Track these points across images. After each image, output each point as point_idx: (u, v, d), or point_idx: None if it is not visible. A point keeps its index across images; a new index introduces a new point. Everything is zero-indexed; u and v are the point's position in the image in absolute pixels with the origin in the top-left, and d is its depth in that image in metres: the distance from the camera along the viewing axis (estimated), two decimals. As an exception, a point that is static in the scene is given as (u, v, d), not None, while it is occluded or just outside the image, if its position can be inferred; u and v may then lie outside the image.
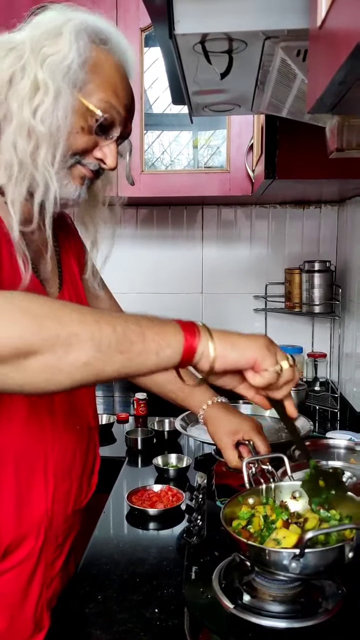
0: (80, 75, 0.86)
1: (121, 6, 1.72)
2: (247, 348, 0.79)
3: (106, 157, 0.92)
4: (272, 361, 0.80)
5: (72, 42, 0.85)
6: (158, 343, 0.74)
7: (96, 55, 0.88)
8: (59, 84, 0.84)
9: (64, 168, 0.89)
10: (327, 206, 2.16)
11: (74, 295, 1.05)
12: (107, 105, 0.88)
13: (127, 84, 0.93)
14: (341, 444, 1.47)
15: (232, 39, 0.85)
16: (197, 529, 1.13)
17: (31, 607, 0.93)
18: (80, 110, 0.87)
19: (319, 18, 0.64)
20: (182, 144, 2.18)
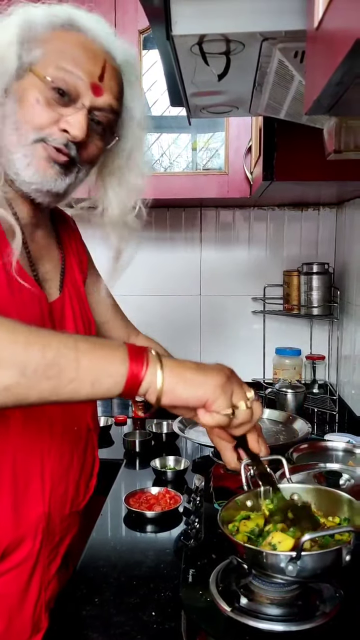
0: (31, 52, 0.83)
1: (119, 8, 1.72)
2: (200, 386, 0.73)
3: (70, 127, 0.84)
4: (225, 403, 0.75)
5: (14, 25, 0.83)
6: (95, 372, 0.69)
7: (52, 33, 0.85)
8: (6, 87, 0.83)
9: (23, 146, 0.85)
10: (325, 208, 2.16)
11: (75, 297, 1.04)
12: (61, 71, 0.83)
13: (98, 53, 0.87)
14: (339, 446, 1.47)
15: (230, 40, 0.85)
16: (195, 531, 1.12)
17: (29, 609, 0.93)
18: (34, 83, 0.83)
19: (316, 19, 0.64)
20: (181, 147, 2.18)
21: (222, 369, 0.77)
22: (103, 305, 1.18)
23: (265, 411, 1.77)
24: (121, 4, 1.71)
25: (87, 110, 0.86)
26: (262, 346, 2.17)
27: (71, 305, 1.02)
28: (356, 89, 0.62)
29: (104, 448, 1.77)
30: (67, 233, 1.09)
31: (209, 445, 1.45)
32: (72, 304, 1.02)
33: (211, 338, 2.24)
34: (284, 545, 0.83)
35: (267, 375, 2.17)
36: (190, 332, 2.24)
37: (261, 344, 2.17)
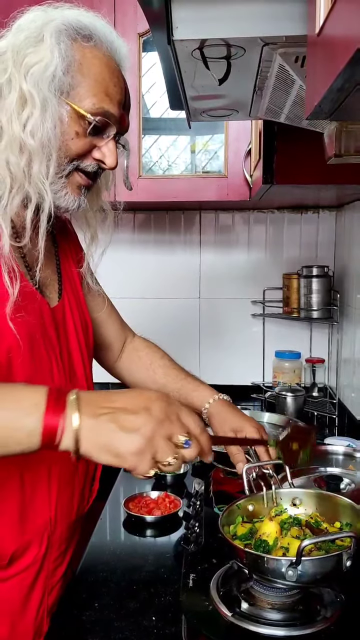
0: (66, 81, 0.84)
1: (119, 11, 1.72)
2: (116, 456, 0.69)
3: (105, 157, 0.90)
4: (146, 467, 0.70)
5: (53, 47, 0.83)
6: None
7: (81, 54, 0.85)
8: (45, 94, 0.82)
9: (61, 178, 0.88)
10: (325, 211, 2.16)
11: (74, 301, 1.04)
12: (98, 107, 0.86)
13: (119, 76, 0.90)
14: (340, 450, 1.47)
15: (231, 45, 0.85)
16: (195, 536, 1.12)
17: (32, 614, 0.93)
18: (72, 116, 0.85)
19: (317, 25, 0.64)
20: (179, 149, 2.18)
21: (146, 423, 0.70)
22: (98, 307, 1.18)
23: (264, 415, 1.77)
24: (120, 7, 1.72)
25: (114, 137, 0.90)
26: (262, 349, 2.17)
27: (70, 310, 1.02)
28: (357, 95, 0.62)
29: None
30: (65, 235, 1.09)
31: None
32: (71, 309, 1.03)
33: (210, 341, 2.24)
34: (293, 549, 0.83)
35: (267, 378, 2.17)
36: (190, 335, 2.24)
37: (261, 347, 2.17)
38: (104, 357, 1.28)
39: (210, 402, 1.20)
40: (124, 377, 1.31)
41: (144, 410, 0.70)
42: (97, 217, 1.04)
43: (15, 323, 0.83)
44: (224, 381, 2.17)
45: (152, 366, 1.27)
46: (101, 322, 1.22)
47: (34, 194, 0.85)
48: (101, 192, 1.02)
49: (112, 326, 1.25)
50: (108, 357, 1.28)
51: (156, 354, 1.28)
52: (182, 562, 1.07)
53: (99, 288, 1.15)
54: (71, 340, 1.01)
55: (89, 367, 1.06)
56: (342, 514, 0.96)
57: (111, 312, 1.25)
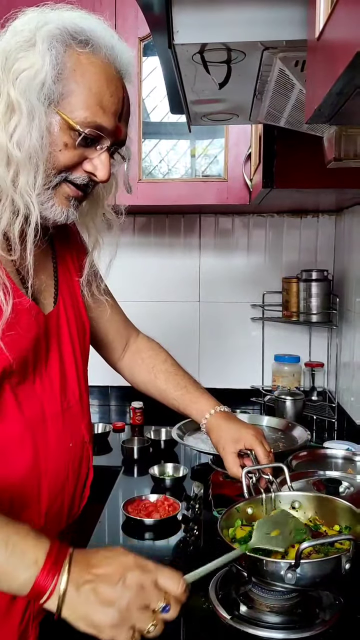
0: (57, 89, 0.80)
1: (120, 15, 1.73)
2: (96, 626, 0.70)
3: (96, 170, 0.85)
4: (125, 636, 0.70)
5: (44, 54, 0.78)
6: None
7: (76, 61, 0.81)
8: (32, 103, 0.78)
9: (48, 189, 0.84)
10: (324, 215, 2.16)
11: (70, 304, 1.03)
12: (90, 120, 0.81)
13: (117, 85, 0.85)
14: (339, 454, 1.47)
15: (231, 49, 0.86)
16: (194, 539, 1.12)
17: (16, 619, 0.91)
18: (62, 126, 0.81)
19: (317, 30, 0.64)
20: (179, 153, 2.19)
21: (122, 595, 0.70)
22: (102, 305, 1.16)
23: (264, 418, 1.77)
24: (121, 11, 1.72)
25: (107, 149, 0.86)
26: (261, 353, 2.17)
27: (66, 314, 1.00)
28: (357, 99, 0.63)
29: (102, 455, 1.77)
30: (65, 239, 1.07)
31: (208, 452, 1.45)
32: (67, 315, 1.01)
33: (210, 345, 2.24)
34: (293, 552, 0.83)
35: (266, 382, 2.17)
36: (189, 339, 2.24)
37: (260, 350, 2.17)
38: (107, 355, 1.28)
39: (207, 417, 1.18)
40: (126, 377, 1.31)
41: (121, 581, 0.71)
42: (97, 226, 1.02)
43: (6, 342, 0.82)
44: (224, 385, 2.17)
45: (153, 370, 1.26)
46: (104, 325, 1.21)
47: (22, 206, 0.82)
48: (102, 200, 0.99)
49: (115, 325, 1.24)
50: (111, 355, 1.28)
51: (159, 357, 1.28)
52: (180, 565, 1.07)
53: (105, 297, 1.12)
54: (64, 345, 0.99)
55: (82, 371, 1.04)
56: (341, 517, 0.96)
57: (115, 311, 1.24)
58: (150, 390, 1.27)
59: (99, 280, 1.09)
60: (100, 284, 1.10)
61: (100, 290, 1.10)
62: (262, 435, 1.15)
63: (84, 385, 1.04)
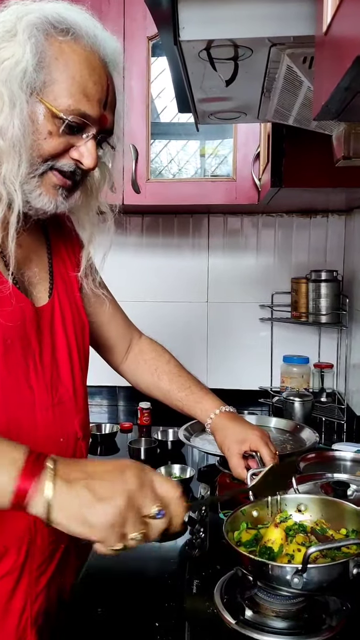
0: (39, 77, 0.81)
1: (128, 15, 1.72)
2: (86, 526, 0.67)
3: (82, 157, 0.86)
4: (113, 540, 0.68)
5: (25, 42, 0.79)
6: None
7: (58, 49, 0.82)
8: (14, 92, 0.79)
9: (34, 177, 0.84)
10: (334, 215, 2.14)
11: (66, 301, 1.02)
12: (74, 107, 0.82)
13: (101, 73, 0.85)
14: (347, 456, 1.46)
15: (238, 45, 0.85)
16: (200, 541, 1.11)
17: (13, 623, 0.89)
18: (45, 114, 0.82)
19: (324, 25, 0.63)
20: (189, 153, 2.18)
21: (120, 493, 0.68)
22: (100, 308, 1.16)
23: (272, 420, 1.75)
24: (130, 11, 1.72)
25: (94, 136, 0.87)
26: (270, 354, 2.15)
27: (61, 310, 1.00)
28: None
29: (110, 455, 1.76)
30: (60, 232, 1.06)
31: (215, 454, 1.44)
32: (62, 310, 1.00)
33: (218, 345, 2.23)
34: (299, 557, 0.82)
35: (275, 383, 2.16)
36: (197, 339, 2.23)
37: (269, 351, 2.15)
38: (109, 358, 1.27)
39: (212, 417, 1.18)
40: (129, 380, 1.30)
41: (119, 478, 0.69)
42: (92, 219, 1.01)
43: None
44: (232, 385, 2.16)
45: (157, 372, 1.25)
46: (104, 323, 1.20)
47: (4, 193, 0.82)
48: (96, 193, 0.99)
49: (116, 327, 1.23)
50: (113, 358, 1.27)
51: (162, 359, 1.27)
52: (185, 566, 1.06)
53: (102, 291, 1.11)
54: (58, 340, 0.98)
55: (78, 368, 1.02)
56: (348, 521, 0.94)
57: (115, 312, 1.23)
58: (153, 392, 1.26)
59: (94, 274, 1.08)
60: (95, 277, 1.09)
61: (96, 284, 1.09)
62: (267, 437, 1.14)
63: (79, 382, 1.02)
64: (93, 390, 2.19)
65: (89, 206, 1.00)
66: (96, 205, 1.01)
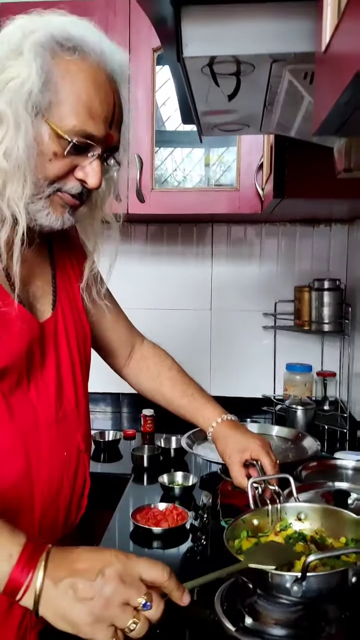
0: (45, 98, 0.79)
1: (134, 26, 1.75)
2: (73, 624, 0.67)
3: (87, 177, 0.85)
4: (104, 634, 0.67)
5: (31, 63, 0.78)
6: None
7: (64, 69, 0.80)
8: (19, 114, 0.78)
9: (41, 199, 0.84)
10: (337, 224, 2.15)
11: (69, 312, 1.02)
12: (79, 129, 0.81)
13: (108, 91, 0.84)
14: (349, 464, 1.46)
15: (240, 61, 0.86)
16: (201, 548, 1.12)
17: (13, 628, 0.90)
18: (50, 135, 0.81)
19: (324, 43, 0.65)
20: (194, 161, 2.20)
21: (100, 591, 0.67)
22: (103, 315, 1.16)
23: (274, 428, 1.76)
24: (135, 23, 1.74)
25: (99, 156, 0.86)
26: (273, 362, 2.16)
27: (64, 322, 1.00)
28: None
29: (113, 463, 1.78)
30: (64, 244, 1.06)
31: (217, 462, 1.45)
32: (65, 322, 1.00)
33: (221, 353, 2.24)
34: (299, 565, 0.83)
35: (278, 391, 2.16)
36: (201, 347, 2.24)
37: (272, 359, 2.16)
38: (112, 362, 1.28)
39: (214, 425, 1.18)
40: (132, 384, 1.31)
41: (99, 575, 0.68)
42: (96, 230, 1.01)
43: None
44: (235, 393, 2.17)
45: (159, 378, 1.26)
46: (107, 329, 1.21)
47: (8, 215, 0.82)
48: (101, 204, 0.99)
49: (119, 332, 1.24)
50: (116, 362, 1.28)
51: (164, 364, 1.28)
52: (187, 574, 1.07)
53: (105, 302, 1.10)
54: (62, 354, 0.98)
55: (80, 380, 1.03)
56: (347, 530, 0.95)
57: (118, 317, 1.23)
58: (156, 398, 1.27)
59: (99, 285, 1.08)
60: (101, 288, 1.08)
61: (101, 295, 1.08)
62: (268, 446, 1.14)
63: (82, 394, 1.03)
64: (97, 397, 2.21)
65: (93, 217, 1.00)
66: (100, 215, 1.01)
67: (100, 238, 1.03)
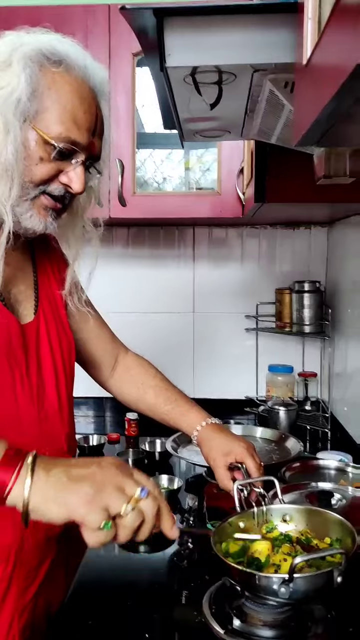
0: (32, 106, 0.84)
1: (114, 32, 1.75)
2: (65, 505, 0.68)
3: (72, 182, 0.90)
4: (97, 518, 0.67)
5: (20, 73, 0.83)
6: None
7: (50, 80, 0.86)
8: (8, 120, 0.83)
9: (27, 201, 0.88)
10: (317, 227, 2.18)
11: (51, 318, 1.04)
12: (65, 135, 0.87)
13: (91, 103, 0.90)
14: (331, 464, 1.48)
15: (222, 71, 0.87)
16: (188, 552, 1.13)
17: (2, 635, 0.91)
18: (37, 141, 0.86)
19: (305, 56, 0.66)
20: (174, 161, 2.21)
21: (95, 473, 0.70)
22: (86, 324, 1.18)
23: (258, 430, 1.78)
24: (115, 28, 1.74)
25: (83, 162, 0.91)
26: (255, 363, 2.18)
27: (47, 328, 1.01)
28: (344, 124, 0.65)
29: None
30: (46, 251, 1.09)
31: (202, 465, 1.46)
32: (47, 327, 1.02)
33: (204, 355, 2.25)
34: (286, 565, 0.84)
35: (260, 392, 2.18)
36: (183, 349, 2.25)
37: (254, 361, 2.18)
38: (95, 374, 1.28)
39: (198, 429, 1.20)
40: (116, 395, 1.31)
41: (96, 465, 0.71)
42: (77, 238, 1.04)
43: None
44: (218, 395, 2.19)
45: (143, 386, 1.27)
46: (90, 339, 1.22)
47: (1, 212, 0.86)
48: (81, 212, 1.02)
49: (102, 343, 1.25)
50: (99, 374, 1.28)
51: (148, 373, 1.28)
52: (174, 577, 1.08)
53: (87, 309, 1.12)
54: (44, 357, 1.00)
55: (64, 384, 1.04)
56: (331, 530, 0.97)
57: (101, 328, 1.24)
58: (140, 407, 1.28)
59: (80, 292, 1.10)
60: (81, 295, 1.11)
61: (82, 302, 1.11)
62: (252, 448, 1.16)
63: (65, 398, 1.04)
64: (80, 401, 2.20)
65: (74, 225, 1.03)
66: (81, 224, 1.04)
67: (81, 246, 1.05)
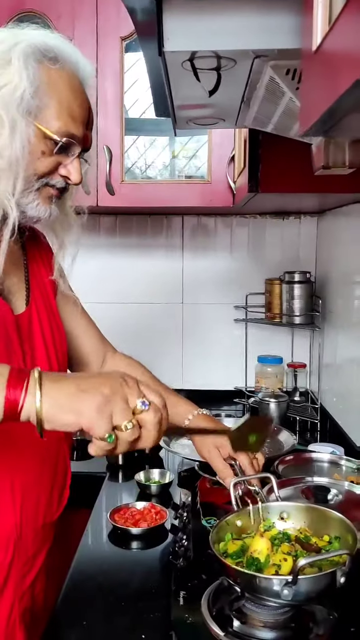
0: (34, 103, 0.87)
1: (101, 15, 1.70)
2: (75, 412, 0.71)
3: (71, 174, 0.94)
4: (103, 428, 0.70)
5: (21, 71, 0.86)
6: None
7: (48, 76, 0.89)
8: (13, 116, 0.86)
9: (31, 192, 0.92)
10: (306, 217, 2.16)
11: (43, 309, 1.05)
12: (64, 130, 0.90)
13: (83, 97, 0.94)
14: (324, 457, 1.47)
15: (222, 56, 0.84)
16: (183, 550, 1.11)
17: (2, 622, 0.93)
18: (39, 136, 0.89)
19: (314, 42, 0.63)
20: (158, 148, 2.16)
21: (102, 384, 0.73)
22: (74, 319, 1.18)
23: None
24: (103, 10, 1.69)
25: (78, 155, 0.95)
26: (244, 354, 2.16)
27: (39, 319, 1.03)
28: (356, 116, 0.62)
29: (87, 460, 1.75)
30: (36, 246, 1.09)
31: (194, 459, 1.44)
32: (39, 318, 1.03)
33: (193, 346, 2.23)
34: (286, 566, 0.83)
35: (250, 383, 2.17)
36: (172, 340, 2.23)
37: (243, 352, 2.17)
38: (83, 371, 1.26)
39: (189, 419, 1.20)
40: None
41: (104, 375, 0.76)
42: (63, 225, 1.06)
43: None
44: (207, 386, 2.17)
45: None
46: (78, 335, 1.21)
47: (0, 209, 0.88)
48: (66, 201, 1.04)
49: (90, 341, 1.23)
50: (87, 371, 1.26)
51: (136, 371, 1.27)
52: (170, 576, 1.06)
53: (72, 294, 1.15)
54: (37, 347, 1.01)
55: (57, 371, 1.04)
56: (330, 527, 0.95)
57: (88, 326, 1.24)
58: None
59: (64, 278, 1.12)
60: (66, 281, 1.12)
61: (68, 287, 1.13)
62: None
63: None
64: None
65: (62, 214, 1.04)
66: (67, 211, 1.05)
67: (67, 233, 1.07)
